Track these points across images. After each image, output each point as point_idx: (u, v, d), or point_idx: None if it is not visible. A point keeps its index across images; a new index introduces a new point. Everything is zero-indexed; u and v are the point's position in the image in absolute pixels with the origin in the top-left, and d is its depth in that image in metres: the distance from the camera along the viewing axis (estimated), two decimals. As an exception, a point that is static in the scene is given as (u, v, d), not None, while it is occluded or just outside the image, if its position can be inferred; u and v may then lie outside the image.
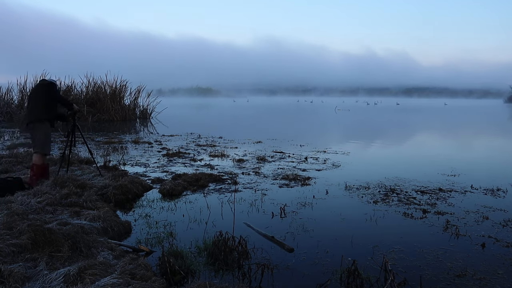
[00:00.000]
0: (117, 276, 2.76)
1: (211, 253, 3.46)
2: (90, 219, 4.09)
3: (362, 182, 6.53)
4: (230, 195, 5.63)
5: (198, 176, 6.49)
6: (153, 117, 22.74)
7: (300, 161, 8.61)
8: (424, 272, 3.28)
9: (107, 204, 4.85)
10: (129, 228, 4.23)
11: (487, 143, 13.10)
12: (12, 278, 2.67)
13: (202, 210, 4.93)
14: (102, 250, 3.38)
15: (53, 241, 3.21)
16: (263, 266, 3.15)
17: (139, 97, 22.28)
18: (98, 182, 5.75)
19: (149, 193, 5.75)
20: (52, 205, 4.47)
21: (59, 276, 2.74)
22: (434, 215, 4.83)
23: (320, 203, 5.29)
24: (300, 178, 6.75)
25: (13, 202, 4.42)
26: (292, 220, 4.58)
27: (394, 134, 16.79)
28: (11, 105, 20.39)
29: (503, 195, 5.78)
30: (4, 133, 14.12)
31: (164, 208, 5.03)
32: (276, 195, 5.67)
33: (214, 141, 11.96)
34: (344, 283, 3.08)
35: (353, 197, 5.64)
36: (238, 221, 4.36)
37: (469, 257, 3.61)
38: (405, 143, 13.13)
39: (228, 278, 3.15)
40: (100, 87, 20.51)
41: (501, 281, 3.15)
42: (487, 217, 4.74)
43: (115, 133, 14.29)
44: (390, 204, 5.28)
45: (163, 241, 3.87)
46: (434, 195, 5.73)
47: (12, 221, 3.48)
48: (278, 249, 3.73)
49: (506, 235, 4.15)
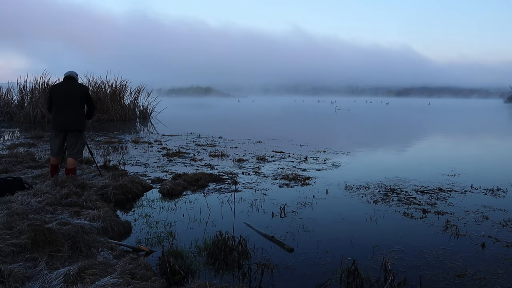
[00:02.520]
0: (117, 276, 2.76)
1: (211, 253, 3.46)
2: (90, 219, 4.09)
3: (362, 182, 6.53)
4: (230, 195, 5.63)
5: (198, 176, 6.49)
6: (153, 117, 22.74)
7: (300, 161, 8.61)
8: (424, 272, 3.28)
9: (107, 204, 4.85)
10: (129, 228, 4.23)
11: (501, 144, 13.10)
12: (12, 278, 2.67)
13: (202, 210, 4.93)
14: (102, 250, 3.38)
15: (53, 241, 3.20)
16: (263, 266, 3.15)
17: (139, 96, 22.30)
18: (98, 182, 5.75)
19: (149, 193, 5.75)
20: (52, 205, 4.47)
21: (59, 276, 2.74)
22: (434, 215, 4.83)
23: (320, 203, 5.29)
24: (300, 178, 6.74)
25: (13, 202, 4.42)
26: (292, 220, 4.58)
27: (395, 134, 16.79)
28: (11, 105, 20.37)
29: (503, 195, 5.78)
30: (4, 133, 14.11)
31: (164, 208, 5.03)
32: (276, 195, 5.67)
33: (214, 141, 11.96)
34: (344, 283, 3.07)
35: (353, 197, 5.64)
36: (238, 221, 4.36)
37: (469, 257, 3.61)
38: (405, 143, 13.13)
39: (228, 278, 3.15)
40: (100, 87, 20.51)
41: (501, 281, 3.15)
42: (487, 217, 4.75)
43: (115, 133, 14.29)
44: (390, 204, 5.28)
45: (163, 241, 3.87)
46: (434, 195, 5.73)
47: (12, 221, 3.48)
48: (278, 249, 3.73)
49: (506, 235, 4.15)
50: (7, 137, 12.66)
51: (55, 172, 5.74)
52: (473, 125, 22.84)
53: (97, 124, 17.94)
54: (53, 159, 5.76)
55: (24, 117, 18.22)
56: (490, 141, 14.01)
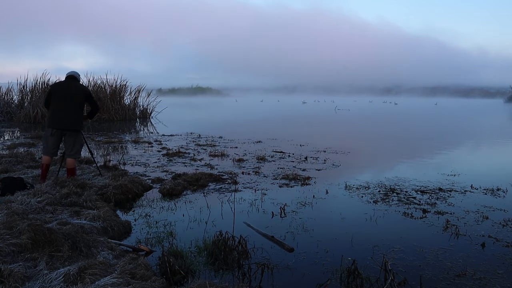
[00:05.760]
0: (117, 276, 2.76)
1: (211, 252, 3.47)
2: (90, 218, 4.09)
3: (362, 182, 6.53)
4: (230, 194, 5.63)
5: (198, 175, 6.49)
6: (153, 116, 22.74)
7: (300, 160, 8.61)
8: (424, 272, 3.29)
9: (107, 204, 4.85)
10: (129, 228, 4.23)
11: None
12: (12, 277, 2.67)
13: (202, 209, 4.93)
14: (102, 250, 3.38)
15: (53, 241, 3.21)
16: (263, 265, 3.15)
17: (139, 96, 22.29)
18: (98, 181, 5.75)
19: (149, 193, 5.75)
20: (52, 204, 4.47)
21: (59, 275, 2.75)
22: (434, 215, 4.83)
23: (320, 203, 5.29)
24: (300, 177, 6.75)
25: (13, 201, 4.42)
26: (292, 219, 4.58)
27: (396, 134, 16.79)
28: (11, 105, 20.37)
29: (503, 195, 5.78)
30: (4, 133, 14.11)
31: (164, 207, 5.03)
32: (276, 195, 5.67)
33: (214, 141, 11.96)
34: (344, 283, 3.08)
35: (353, 197, 5.64)
36: (238, 220, 4.36)
37: (469, 257, 3.61)
38: (405, 143, 13.13)
39: (228, 278, 3.15)
40: (100, 86, 20.51)
41: (501, 281, 3.15)
42: (487, 217, 4.75)
43: (115, 133, 14.28)
44: (390, 204, 5.28)
45: (163, 240, 3.87)
46: (434, 195, 5.74)
47: (12, 221, 3.48)
48: (278, 248, 3.73)
49: (506, 235, 4.16)
50: (7, 137, 12.66)
51: (46, 172, 5.68)
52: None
53: (97, 124, 17.94)
54: (46, 158, 5.67)
55: (24, 117, 18.21)
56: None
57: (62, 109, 5.53)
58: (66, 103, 5.54)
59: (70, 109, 5.56)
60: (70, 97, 5.56)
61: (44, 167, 5.69)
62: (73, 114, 5.58)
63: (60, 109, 5.54)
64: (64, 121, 5.53)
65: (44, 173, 5.67)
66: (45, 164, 5.69)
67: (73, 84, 5.69)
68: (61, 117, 5.52)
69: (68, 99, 5.54)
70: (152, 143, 11.34)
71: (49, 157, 5.69)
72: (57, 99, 5.55)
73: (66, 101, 5.54)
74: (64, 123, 5.54)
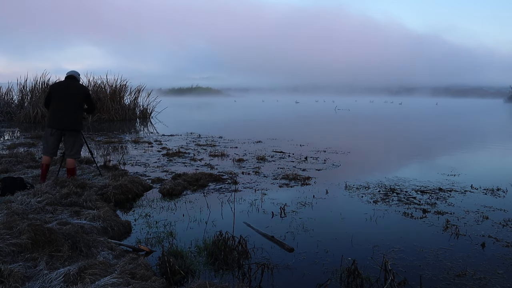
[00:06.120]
0: (117, 276, 2.76)
1: (211, 252, 3.46)
2: (90, 218, 4.09)
3: (362, 182, 6.53)
4: (230, 194, 5.63)
5: (198, 175, 6.49)
6: (153, 116, 22.74)
7: (300, 160, 8.61)
8: (424, 272, 3.29)
9: (107, 204, 4.85)
10: (129, 228, 4.23)
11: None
12: (12, 277, 2.67)
13: (202, 209, 4.93)
14: (102, 250, 3.38)
15: (53, 241, 3.20)
16: (263, 265, 3.15)
17: (139, 96, 22.29)
18: (98, 181, 5.75)
19: (149, 193, 5.75)
20: (52, 204, 4.47)
21: (59, 275, 2.74)
22: (434, 215, 4.83)
23: (320, 203, 5.29)
24: (300, 177, 6.74)
25: (13, 201, 4.42)
26: (292, 219, 4.58)
27: (396, 134, 16.79)
28: (11, 105, 20.37)
29: (503, 195, 5.78)
30: (4, 133, 14.11)
31: (164, 207, 5.03)
32: (276, 195, 5.67)
33: (214, 141, 11.96)
34: (344, 283, 3.08)
35: (353, 197, 5.64)
36: (238, 220, 4.36)
37: (469, 257, 3.61)
38: (405, 143, 13.13)
39: (228, 278, 3.15)
40: (100, 86, 20.51)
41: (501, 281, 3.15)
42: (487, 217, 4.75)
43: (115, 133, 14.28)
44: (390, 204, 5.28)
45: (163, 240, 3.87)
46: (434, 195, 5.73)
47: (12, 221, 3.48)
48: (278, 248, 3.73)
49: (506, 235, 4.15)
50: (7, 137, 12.66)
51: (46, 172, 5.69)
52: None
53: (97, 124, 17.94)
54: (45, 158, 5.67)
55: (24, 117, 18.21)
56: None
57: (62, 109, 5.54)
58: (66, 103, 5.54)
59: (70, 109, 5.55)
60: (70, 97, 5.56)
61: (44, 167, 5.68)
62: (73, 114, 5.58)
63: (60, 109, 5.54)
64: (64, 121, 5.53)
65: (44, 173, 5.67)
66: (45, 164, 5.68)
67: (72, 84, 5.69)
68: (61, 117, 5.52)
69: (67, 99, 5.54)
70: (152, 143, 11.34)
71: (49, 157, 5.69)
72: (57, 99, 5.55)
73: (66, 101, 5.54)
74: (64, 123, 5.54)
